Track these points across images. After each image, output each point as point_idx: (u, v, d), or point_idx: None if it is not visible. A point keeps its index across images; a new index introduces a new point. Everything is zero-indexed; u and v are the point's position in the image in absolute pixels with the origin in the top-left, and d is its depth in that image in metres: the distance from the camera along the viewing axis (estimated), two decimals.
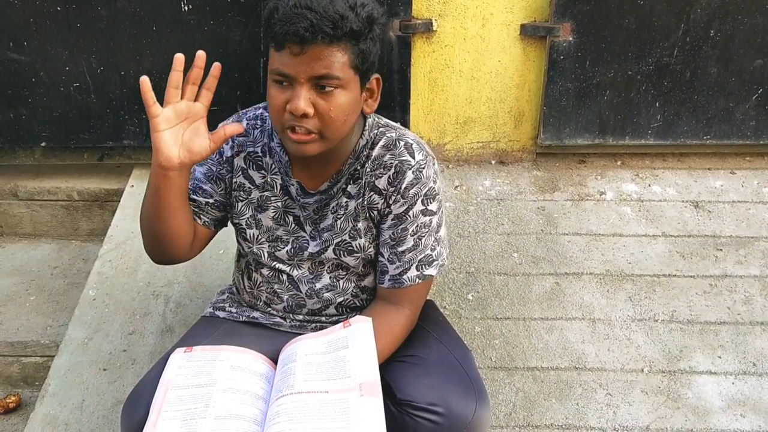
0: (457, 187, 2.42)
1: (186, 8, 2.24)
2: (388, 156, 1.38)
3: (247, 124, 1.46)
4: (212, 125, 1.25)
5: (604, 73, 2.34)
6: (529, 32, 2.32)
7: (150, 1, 2.24)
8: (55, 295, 2.27)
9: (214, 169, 1.47)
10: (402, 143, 1.39)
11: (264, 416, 1.24)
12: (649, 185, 2.42)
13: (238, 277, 1.60)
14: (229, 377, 1.29)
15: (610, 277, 2.11)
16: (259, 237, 1.48)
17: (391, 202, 1.39)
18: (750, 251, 2.18)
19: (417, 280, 1.43)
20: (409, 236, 1.41)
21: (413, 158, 1.38)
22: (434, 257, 1.44)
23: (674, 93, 2.37)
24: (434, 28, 2.32)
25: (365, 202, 1.41)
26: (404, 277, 1.43)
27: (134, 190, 2.45)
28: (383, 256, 1.44)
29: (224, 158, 1.46)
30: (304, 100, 1.24)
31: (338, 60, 1.23)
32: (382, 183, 1.39)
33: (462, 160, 2.52)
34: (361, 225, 1.43)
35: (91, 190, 2.50)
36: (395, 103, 2.36)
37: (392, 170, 1.38)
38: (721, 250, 2.19)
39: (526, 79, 2.40)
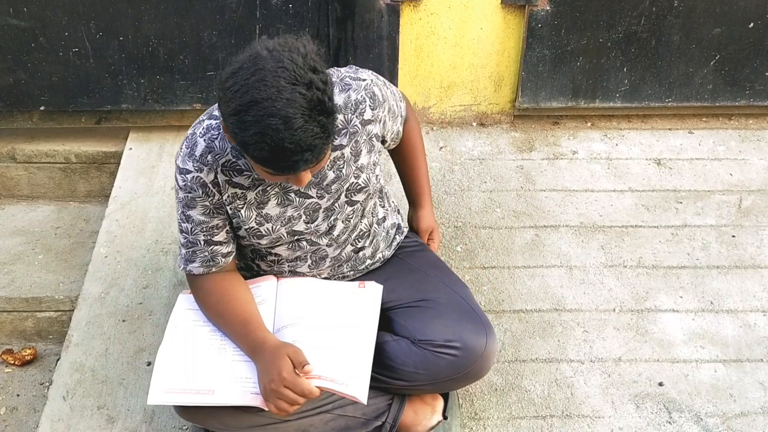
0: (441, 148, 2.58)
1: None
2: (352, 95, 1.50)
3: (206, 144, 1.45)
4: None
5: (577, 41, 2.50)
6: (509, 1, 2.46)
7: None
8: (62, 254, 2.36)
9: (207, 204, 1.49)
10: (347, 78, 1.51)
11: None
12: (617, 144, 2.63)
13: (248, 265, 1.72)
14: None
15: (584, 229, 2.31)
16: (275, 227, 1.54)
17: (380, 117, 1.55)
18: (706, 203, 2.41)
19: (402, 108, 1.69)
20: (395, 110, 1.63)
21: (363, 79, 1.52)
22: (401, 99, 1.70)
23: (640, 59, 2.55)
24: None
25: (365, 137, 1.53)
26: (399, 118, 1.67)
27: (133, 152, 2.53)
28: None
29: (209, 187, 1.46)
30: (304, 183, 1.35)
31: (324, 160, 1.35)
32: (368, 114, 1.52)
33: (445, 123, 2.68)
34: (362, 160, 1.55)
35: (89, 153, 2.56)
36: (384, 68, 2.48)
37: (366, 99, 1.51)
38: (681, 202, 2.42)
39: (506, 46, 2.56)
